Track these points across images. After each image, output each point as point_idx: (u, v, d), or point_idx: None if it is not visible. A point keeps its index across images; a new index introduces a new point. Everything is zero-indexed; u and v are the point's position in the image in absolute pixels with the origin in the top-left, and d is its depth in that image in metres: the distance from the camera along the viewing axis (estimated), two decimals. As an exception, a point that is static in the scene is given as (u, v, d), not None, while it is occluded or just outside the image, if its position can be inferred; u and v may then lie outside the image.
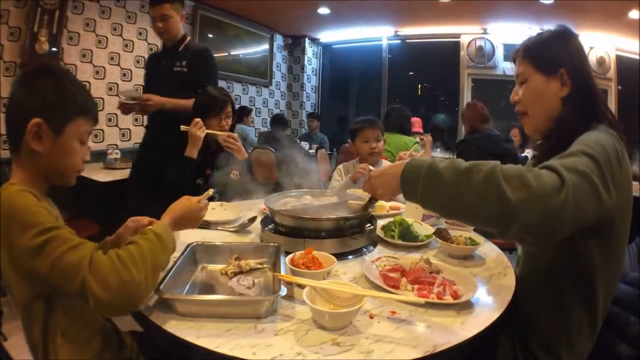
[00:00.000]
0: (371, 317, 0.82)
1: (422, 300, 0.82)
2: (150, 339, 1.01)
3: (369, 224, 1.26)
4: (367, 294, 0.81)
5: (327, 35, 6.40)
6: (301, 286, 0.86)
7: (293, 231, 1.17)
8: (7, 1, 2.89)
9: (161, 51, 2.48)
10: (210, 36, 4.87)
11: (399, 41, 6.02)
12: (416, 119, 3.66)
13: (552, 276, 0.96)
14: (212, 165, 1.96)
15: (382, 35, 5.95)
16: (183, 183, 1.80)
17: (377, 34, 5.93)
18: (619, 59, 4.98)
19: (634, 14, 3.94)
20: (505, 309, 0.87)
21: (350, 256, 1.16)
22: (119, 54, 3.76)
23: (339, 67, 6.84)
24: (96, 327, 0.88)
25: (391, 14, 5.08)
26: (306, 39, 6.33)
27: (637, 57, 4.76)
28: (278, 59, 6.17)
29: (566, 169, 0.72)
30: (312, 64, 6.60)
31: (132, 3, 3.84)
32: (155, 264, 0.77)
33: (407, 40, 5.96)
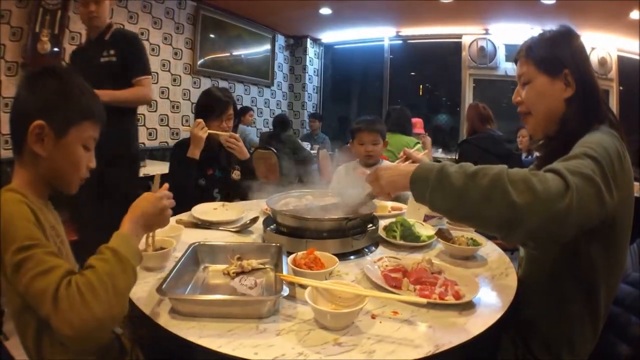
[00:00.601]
0: (373, 317, 0.82)
1: (424, 301, 0.82)
2: (152, 340, 1.01)
3: (370, 225, 1.26)
4: (369, 294, 0.82)
5: (328, 36, 6.39)
6: (303, 286, 0.87)
7: (295, 231, 1.17)
8: (9, 1, 2.89)
9: (85, 43, 2.27)
10: (212, 36, 4.88)
11: (400, 41, 6.00)
12: (417, 120, 3.65)
13: (554, 277, 0.96)
14: (214, 165, 1.97)
15: (384, 35, 5.94)
16: (185, 184, 1.80)
17: (379, 34, 5.92)
18: (621, 59, 4.97)
19: (635, 15, 3.94)
20: (507, 310, 0.87)
21: (352, 256, 1.16)
22: (120, 54, 3.75)
23: (340, 67, 6.84)
24: None
25: (393, 14, 5.08)
26: (308, 39, 6.32)
27: (638, 58, 4.75)
28: (280, 59, 6.17)
29: (570, 172, 0.72)
30: (313, 64, 6.59)
31: (134, 3, 3.85)
32: (117, 288, 0.69)
33: (409, 41, 5.95)
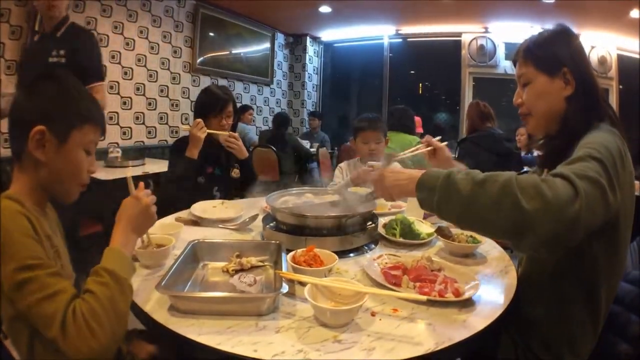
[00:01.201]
0: (373, 314, 0.82)
1: (424, 298, 0.82)
2: (152, 338, 1.01)
3: (370, 222, 1.26)
4: (369, 291, 0.82)
5: (328, 34, 6.38)
6: (302, 284, 0.87)
7: (294, 229, 1.17)
8: (8, 0, 2.89)
9: (39, 38, 2.14)
10: (212, 35, 4.87)
11: (400, 40, 6.00)
12: (417, 118, 3.66)
13: (555, 277, 0.96)
14: (214, 163, 1.96)
15: (383, 33, 5.93)
16: (185, 183, 1.80)
17: (378, 32, 5.91)
18: (620, 58, 4.98)
19: (635, 14, 3.94)
20: (507, 307, 0.86)
21: (352, 254, 1.16)
22: (119, 52, 3.75)
23: (340, 65, 6.83)
24: None
25: (392, 12, 5.07)
26: (307, 37, 6.31)
27: (638, 57, 4.76)
28: (279, 57, 6.16)
29: (578, 176, 0.72)
30: (313, 63, 6.58)
31: (133, 2, 3.83)
32: (118, 312, 0.71)
33: (409, 39, 5.94)
